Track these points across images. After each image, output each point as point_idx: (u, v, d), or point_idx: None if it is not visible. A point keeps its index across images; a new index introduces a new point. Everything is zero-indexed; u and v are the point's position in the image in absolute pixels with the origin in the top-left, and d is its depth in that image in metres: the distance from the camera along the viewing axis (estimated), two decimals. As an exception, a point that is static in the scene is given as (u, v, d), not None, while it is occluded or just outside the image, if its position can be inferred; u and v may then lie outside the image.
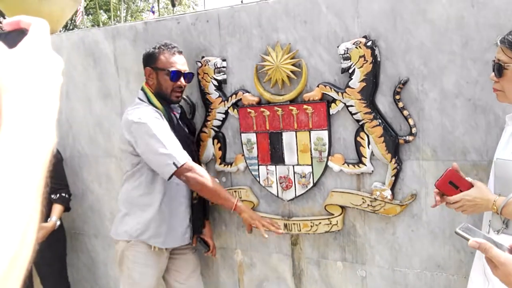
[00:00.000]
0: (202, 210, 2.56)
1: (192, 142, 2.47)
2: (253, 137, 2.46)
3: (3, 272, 0.45)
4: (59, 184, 2.94)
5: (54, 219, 2.83)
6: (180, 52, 2.39)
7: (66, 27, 14.32)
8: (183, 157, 2.20)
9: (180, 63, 2.36)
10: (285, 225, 2.48)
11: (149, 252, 2.41)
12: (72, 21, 14.27)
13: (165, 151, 2.19)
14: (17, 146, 0.51)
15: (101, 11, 21.06)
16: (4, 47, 0.57)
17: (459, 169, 1.74)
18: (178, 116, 2.47)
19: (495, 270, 1.08)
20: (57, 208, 2.89)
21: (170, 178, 2.22)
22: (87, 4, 20.26)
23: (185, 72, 2.38)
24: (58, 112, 0.58)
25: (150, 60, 2.37)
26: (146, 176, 2.36)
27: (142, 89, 2.40)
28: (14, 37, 0.60)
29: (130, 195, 2.43)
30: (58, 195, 2.90)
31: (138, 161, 2.35)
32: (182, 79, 2.36)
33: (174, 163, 2.18)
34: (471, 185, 1.67)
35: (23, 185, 0.50)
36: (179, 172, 2.20)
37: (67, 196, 2.95)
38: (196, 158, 2.46)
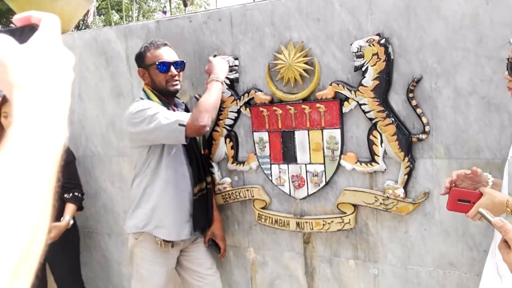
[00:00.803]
0: (205, 209, 2.56)
1: (192, 139, 2.45)
2: (265, 136, 2.46)
3: (15, 264, 0.46)
4: (72, 183, 2.96)
5: (67, 218, 2.85)
6: (165, 45, 2.42)
7: (78, 28, 14.37)
8: (185, 116, 2.24)
9: (166, 54, 2.40)
10: (297, 224, 2.48)
11: (156, 249, 2.44)
12: (84, 22, 14.29)
13: (167, 121, 2.22)
14: (29, 140, 0.52)
15: (113, 11, 21.08)
16: (15, 42, 0.57)
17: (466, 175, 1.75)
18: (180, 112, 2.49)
19: (507, 255, 1.07)
20: (70, 207, 2.90)
21: (187, 140, 2.27)
22: (99, 4, 20.29)
23: (174, 61, 2.40)
24: (70, 112, 0.58)
25: (139, 61, 2.45)
26: (150, 165, 2.40)
27: (143, 89, 2.46)
28: (24, 32, 0.60)
29: (138, 189, 2.47)
30: (71, 194, 2.91)
31: (146, 152, 2.39)
32: (172, 68, 2.38)
33: (180, 124, 2.21)
34: (480, 194, 1.67)
35: (34, 179, 0.50)
36: (189, 128, 2.21)
37: (79, 195, 2.97)
38: (198, 155, 2.51)
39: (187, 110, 2.54)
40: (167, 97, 2.42)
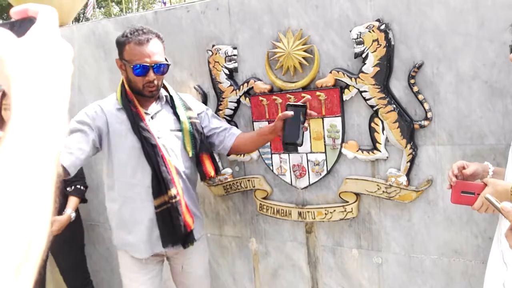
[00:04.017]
0: (170, 225, 2.19)
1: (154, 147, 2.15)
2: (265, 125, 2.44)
3: (18, 262, 0.45)
4: (75, 176, 2.94)
5: (69, 212, 2.85)
6: (148, 40, 2.06)
7: (78, 20, 14.39)
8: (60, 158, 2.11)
9: (147, 54, 2.04)
10: (299, 213, 2.46)
11: (133, 258, 2.30)
12: (84, 15, 14.32)
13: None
14: (28, 135, 0.51)
15: (113, 3, 21.10)
16: (12, 36, 0.56)
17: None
18: (158, 109, 2.24)
19: None
20: (72, 201, 2.90)
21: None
22: (99, -3, 20.33)
23: (154, 64, 2.06)
24: (70, 106, 0.57)
25: (118, 49, 2.13)
26: (106, 176, 2.28)
27: (121, 84, 2.22)
28: (22, 25, 0.59)
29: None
30: (73, 187, 2.91)
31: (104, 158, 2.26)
32: (151, 73, 2.07)
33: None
34: (484, 185, 1.64)
35: (34, 175, 0.49)
36: None
37: (82, 188, 2.96)
38: (157, 165, 2.13)
39: (173, 106, 2.26)
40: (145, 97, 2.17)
